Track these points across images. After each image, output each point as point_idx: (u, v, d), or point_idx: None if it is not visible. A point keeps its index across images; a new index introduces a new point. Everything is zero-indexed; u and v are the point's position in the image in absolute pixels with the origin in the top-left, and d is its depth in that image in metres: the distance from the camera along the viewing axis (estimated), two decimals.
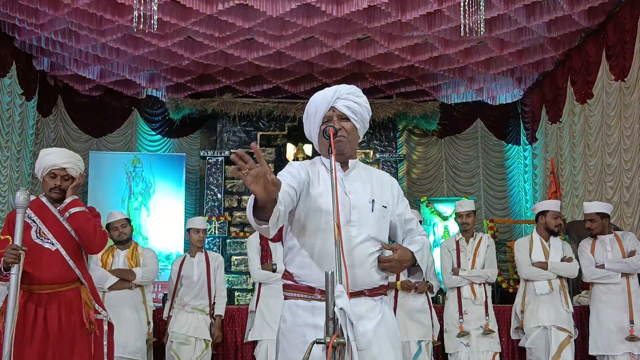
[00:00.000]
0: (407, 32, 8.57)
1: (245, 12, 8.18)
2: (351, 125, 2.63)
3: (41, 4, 7.80)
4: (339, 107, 2.61)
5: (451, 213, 10.02)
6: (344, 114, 2.62)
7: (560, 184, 9.59)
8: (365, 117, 2.68)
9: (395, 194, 2.77)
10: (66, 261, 3.60)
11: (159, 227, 10.30)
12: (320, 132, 2.64)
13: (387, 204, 2.70)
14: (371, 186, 2.69)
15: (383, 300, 2.66)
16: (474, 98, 11.28)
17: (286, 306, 2.62)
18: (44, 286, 3.51)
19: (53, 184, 3.71)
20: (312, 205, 2.58)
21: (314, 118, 2.66)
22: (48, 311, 3.51)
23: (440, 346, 5.99)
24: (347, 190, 2.62)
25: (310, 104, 2.69)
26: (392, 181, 2.82)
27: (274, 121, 10.76)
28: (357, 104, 2.64)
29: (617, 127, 8.02)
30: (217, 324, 5.93)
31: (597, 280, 5.71)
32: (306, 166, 2.69)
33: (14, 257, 3.28)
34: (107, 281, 5.46)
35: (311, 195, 2.59)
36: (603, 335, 5.60)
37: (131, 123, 11.36)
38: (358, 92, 2.68)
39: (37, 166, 3.80)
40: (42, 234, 3.59)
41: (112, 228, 5.63)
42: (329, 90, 2.66)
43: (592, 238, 5.85)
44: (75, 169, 3.82)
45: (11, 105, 9.06)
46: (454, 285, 5.85)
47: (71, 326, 3.54)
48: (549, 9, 7.91)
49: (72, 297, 3.60)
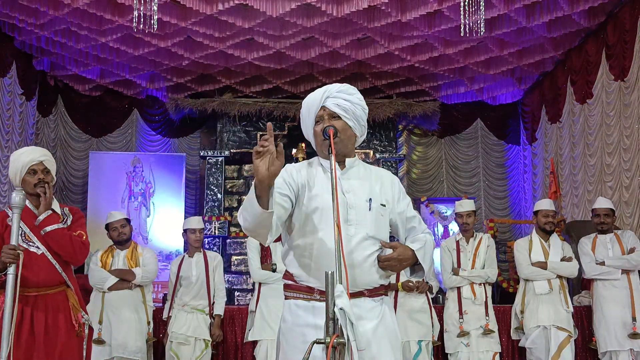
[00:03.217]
0: (407, 32, 8.58)
1: (245, 12, 8.18)
2: (342, 124, 2.62)
3: (41, 4, 7.81)
4: (329, 105, 2.62)
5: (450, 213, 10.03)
6: (335, 113, 2.62)
7: (560, 183, 9.59)
8: (358, 114, 2.65)
9: (396, 191, 2.75)
10: (52, 265, 3.56)
11: (159, 227, 10.30)
12: (315, 132, 2.65)
13: (387, 202, 2.69)
14: (369, 184, 2.68)
15: (383, 301, 2.65)
16: (474, 98, 11.29)
17: (286, 306, 2.63)
18: (30, 289, 3.48)
19: (36, 179, 3.61)
20: (309, 206, 2.59)
21: (307, 118, 2.68)
22: (35, 312, 3.48)
23: (440, 346, 5.99)
24: (345, 189, 2.62)
25: (304, 105, 2.71)
26: (393, 179, 2.80)
27: (274, 121, 10.75)
28: (349, 102, 2.63)
29: (616, 127, 8.03)
30: (217, 323, 5.92)
31: (598, 276, 5.73)
32: (302, 168, 2.69)
33: (12, 257, 3.26)
34: (106, 282, 5.46)
35: (308, 197, 2.60)
36: (607, 331, 5.64)
37: (131, 123, 11.36)
38: (350, 90, 2.67)
39: (12, 171, 3.65)
40: (27, 238, 3.54)
41: (111, 228, 5.63)
42: (319, 90, 2.67)
43: (594, 235, 5.88)
44: (51, 160, 3.74)
45: (11, 105, 9.06)
46: (454, 285, 5.85)
47: (58, 328, 3.52)
48: (549, 9, 7.91)
49: (60, 300, 3.58)
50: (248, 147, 10.82)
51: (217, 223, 10.25)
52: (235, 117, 10.69)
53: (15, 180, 3.67)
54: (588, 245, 5.85)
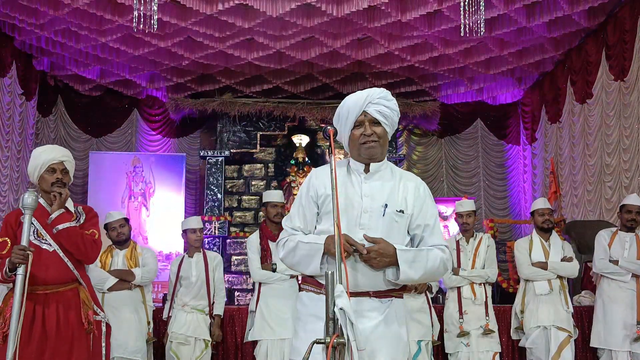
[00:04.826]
0: (407, 32, 8.58)
1: (245, 12, 8.19)
2: (382, 130, 2.66)
3: (41, 4, 7.81)
4: (371, 111, 2.63)
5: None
6: (376, 119, 2.63)
7: (560, 183, 9.59)
8: (395, 120, 2.70)
9: (419, 198, 2.70)
10: (64, 262, 3.58)
11: (159, 227, 10.30)
12: (354, 135, 2.66)
13: (406, 209, 2.66)
14: (391, 189, 2.67)
15: (393, 303, 2.62)
16: (474, 98, 11.29)
17: (299, 298, 2.74)
18: (42, 286, 3.50)
19: (54, 178, 3.65)
20: (325, 209, 2.65)
21: (345, 121, 2.68)
22: (46, 310, 3.50)
23: (440, 346, 5.99)
24: (364, 193, 2.64)
25: (342, 107, 2.70)
26: (419, 185, 2.75)
27: (274, 121, 10.76)
28: (388, 108, 2.66)
29: (616, 127, 8.03)
30: (217, 323, 5.92)
31: (608, 274, 5.72)
32: (320, 178, 2.72)
33: (21, 257, 3.27)
34: (106, 282, 5.45)
35: (327, 199, 2.65)
36: (607, 329, 5.64)
37: (131, 123, 11.36)
38: (388, 96, 2.69)
39: (31, 166, 3.71)
40: (39, 235, 3.57)
41: (110, 228, 5.62)
42: (361, 94, 2.67)
43: (615, 230, 5.86)
44: (71, 162, 3.79)
45: (11, 105, 9.06)
46: (454, 285, 5.85)
47: (69, 325, 3.53)
48: (549, 9, 7.92)
49: (71, 296, 3.59)
50: (248, 147, 10.83)
51: (217, 223, 10.25)
52: (235, 117, 10.69)
53: (34, 176, 3.71)
54: (606, 239, 5.79)
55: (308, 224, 2.70)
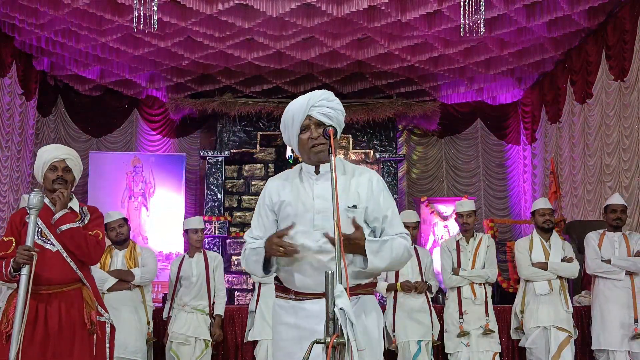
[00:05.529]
0: (407, 32, 8.58)
1: (245, 12, 8.19)
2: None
3: (41, 4, 7.80)
4: (315, 115, 2.69)
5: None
6: (320, 121, 2.68)
7: (560, 183, 9.59)
8: (340, 120, 2.75)
9: (373, 190, 2.74)
10: (67, 262, 3.58)
11: (158, 227, 10.30)
12: (302, 140, 2.71)
13: (359, 203, 2.70)
14: (342, 187, 2.68)
15: (360, 301, 2.67)
16: (474, 98, 11.29)
17: (273, 306, 2.84)
18: (45, 286, 3.50)
19: (55, 175, 3.68)
20: (283, 215, 2.74)
21: (291, 127, 2.74)
22: (49, 309, 3.50)
23: (440, 346, 5.99)
24: (315, 194, 2.70)
25: (287, 113, 2.77)
26: (372, 178, 2.79)
27: (274, 121, 10.76)
28: (332, 109, 2.71)
29: (616, 127, 8.03)
30: (217, 323, 5.92)
31: (601, 274, 5.72)
32: (276, 185, 2.81)
33: (26, 257, 3.28)
34: (105, 282, 5.44)
35: (283, 207, 2.75)
36: (606, 331, 5.64)
37: (131, 123, 11.36)
38: (331, 97, 2.74)
39: (36, 166, 3.75)
40: (43, 235, 3.58)
41: (109, 228, 5.61)
42: (303, 99, 2.73)
43: (602, 231, 5.86)
44: (75, 160, 3.79)
45: (11, 105, 9.06)
46: (454, 285, 5.85)
47: (72, 324, 3.53)
48: (549, 9, 7.91)
49: (74, 296, 3.60)
50: (248, 147, 10.83)
51: (217, 223, 10.26)
52: (235, 117, 10.70)
53: (38, 175, 3.75)
54: (595, 240, 5.81)
55: (268, 231, 2.76)
